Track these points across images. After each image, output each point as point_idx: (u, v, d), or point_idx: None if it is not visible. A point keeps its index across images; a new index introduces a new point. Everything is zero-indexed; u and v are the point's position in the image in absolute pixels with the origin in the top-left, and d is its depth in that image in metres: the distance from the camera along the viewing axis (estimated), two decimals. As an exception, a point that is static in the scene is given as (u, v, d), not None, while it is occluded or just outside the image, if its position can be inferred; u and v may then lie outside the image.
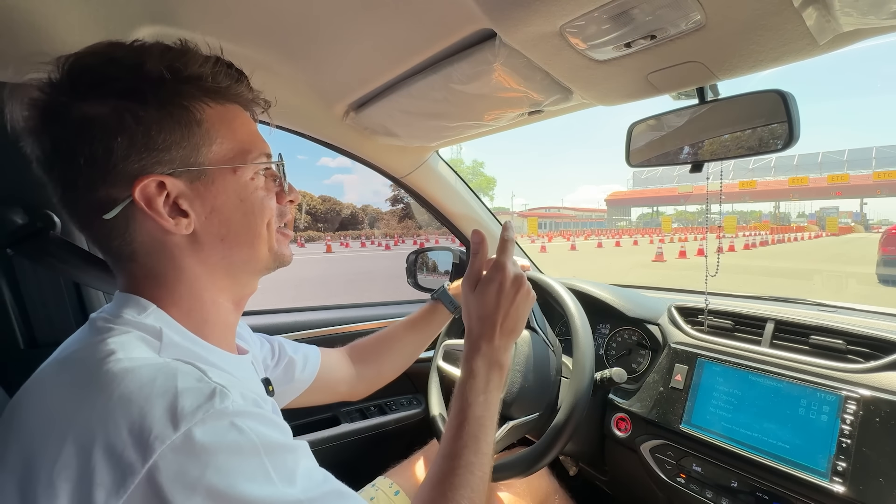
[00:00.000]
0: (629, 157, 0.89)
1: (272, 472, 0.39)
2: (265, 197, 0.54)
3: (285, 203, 0.58)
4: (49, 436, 0.38)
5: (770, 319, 0.91)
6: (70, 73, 0.45)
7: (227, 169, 0.50)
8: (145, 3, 0.69)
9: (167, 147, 0.46)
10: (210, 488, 0.36)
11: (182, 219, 0.48)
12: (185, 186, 0.48)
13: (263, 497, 0.38)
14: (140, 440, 0.36)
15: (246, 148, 0.52)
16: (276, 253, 0.56)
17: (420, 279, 1.57)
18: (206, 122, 0.49)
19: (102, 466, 0.36)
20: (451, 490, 0.52)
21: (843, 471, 0.68)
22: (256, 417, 0.41)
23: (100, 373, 0.40)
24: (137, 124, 0.45)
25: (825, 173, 69.46)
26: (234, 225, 0.51)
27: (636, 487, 1.01)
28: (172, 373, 0.40)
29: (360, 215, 54.20)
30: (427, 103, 0.93)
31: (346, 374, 0.93)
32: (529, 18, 0.59)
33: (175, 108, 0.47)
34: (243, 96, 0.53)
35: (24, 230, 0.82)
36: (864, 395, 0.71)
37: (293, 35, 0.78)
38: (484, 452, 0.57)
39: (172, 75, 0.46)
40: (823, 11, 0.53)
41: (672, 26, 0.58)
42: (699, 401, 0.88)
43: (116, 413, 0.37)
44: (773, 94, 0.68)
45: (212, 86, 0.49)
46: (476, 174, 51.48)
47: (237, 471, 0.38)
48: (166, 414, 0.37)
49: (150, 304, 0.48)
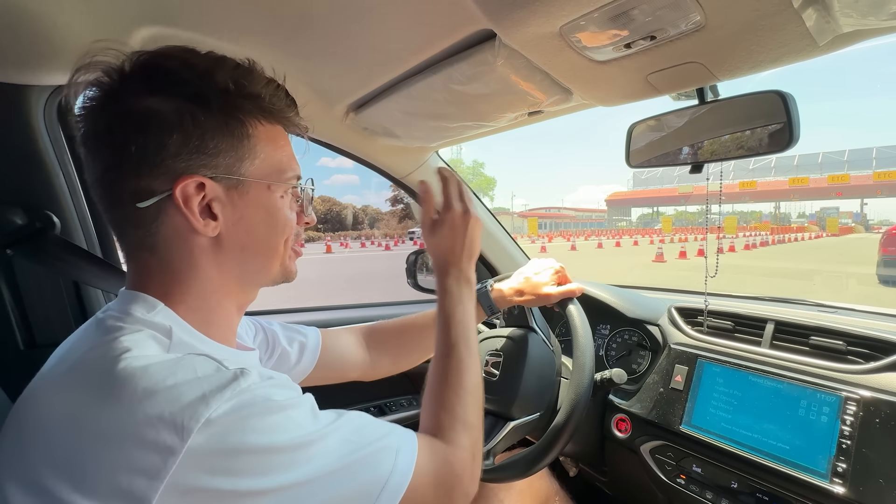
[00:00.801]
0: (629, 157, 0.89)
1: (299, 420, 0.44)
2: (289, 215, 0.57)
3: (303, 223, 0.61)
4: (70, 439, 0.39)
5: (770, 320, 0.91)
6: (145, 67, 0.48)
7: (262, 183, 0.53)
8: (145, 4, 0.69)
9: (216, 153, 0.49)
10: (253, 448, 0.39)
11: (210, 221, 0.50)
12: (221, 192, 0.50)
13: (299, 439, 0.43)
14: (174, 424, 0.37)
15: (283, 167, 0.55)
16: (286, 268, 0.59)
17: (420, 279, 1.56)
18: (255, 137, 0.52)
19: (138, 456, 0.37)
20: (450, 378, 0.63)
21: (843, 472, 0.69)
22: (276, 384, 0.45)
23: (118, 371, 0.40)
24: (195, 127, 0.47)
25: (825, 174, 69.46)
26: (257, 236, 0.54)
27: (636, 488, 1.01)
28: (191, 364, 0.42)
29: (359, 215, 54.21)
30: (427, 104, 0.93)
31: (357, 360, 0.90)
32: (529, 19, 0.59)
33: (231, 120, 0.50)
34: (291, 121, 0.57)
35: (24, 230, 0.82)
36: (865, 396, 0.71)
37: (293, 36, 0.78)
38: (472, 350, 0.66)
39: (237, 89, 0.50)
40: (823, 12, 0.53)
41: (672, 27, 0.58)
42: (699, 402, 0.89)
43: (144, 406, 0.38)
44: (773, 95, 0.68)
45: (267, 105, 0.53)
46: (476, 174, 51.49)
47: (270, 426, 0.41)
48: (195, 397, 0.39)
49: (158, 301, 0.49)
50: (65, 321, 0.91)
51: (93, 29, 0.71)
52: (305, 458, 0.43)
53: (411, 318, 0.96)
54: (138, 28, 0.73)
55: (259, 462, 0.40)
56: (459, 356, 0.65)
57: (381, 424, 0.52)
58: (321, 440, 0.44)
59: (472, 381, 0.64)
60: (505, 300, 0.96)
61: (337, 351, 0.88)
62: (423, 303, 1.61)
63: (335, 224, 50.39)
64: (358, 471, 0.45)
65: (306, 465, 0.42)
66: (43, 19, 0.68)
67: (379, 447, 0.48)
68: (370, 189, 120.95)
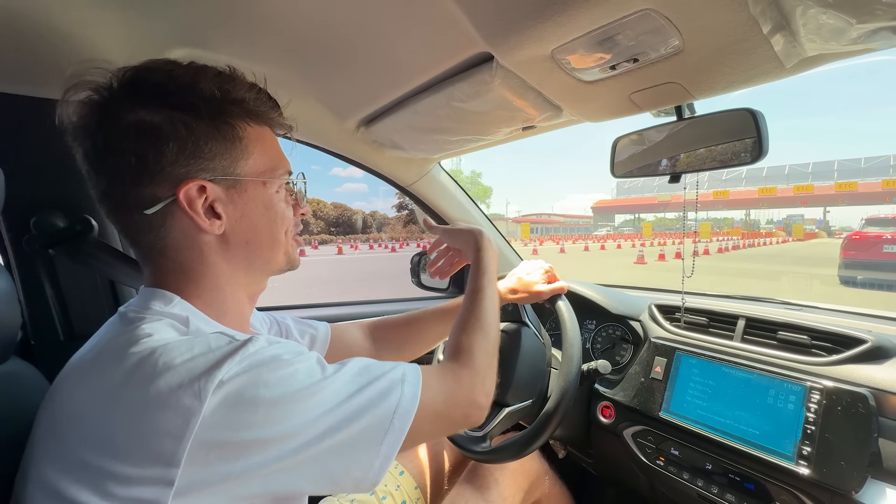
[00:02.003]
0: (613, 168, 0.89)
1: (309, 370, 0.44)
2: (285, 208, 0.57)
3: (299, 215, 0.61)
4: (106, 416, 0.39)
5: (741, 316, 0.91)
6: (131, 82, 0.47)
7: (258, 181, 0.53)
8: (177, 29, 0.70)
9: (212, 156, 0.48)
10: (268, 400, 0.40)
11: (216, 220, 0.49)
12: (222, 192, 0.50)
13: (311, 386, 0.43)
14: (192, 389, 0.38)
15: (275, 164, 0.55)
16: (290, 257, 0.59)
17: (423, 279, 1.56)
18: (246, 138, 0.51)
19: (163, 420, 0.37)
20: (473, 310, 0.68)
21: (808, 455, 0.68)
22: (283, 346, 0.45)
23: (140, 351, 0.41)
24: (189, 134, 0.46)
25: (791, 184, 69.42)
26: (260, 230, 0.54)
27: (619, 469, 1.01)
28: (205, 339, 0.42)
29: (368, 220, 54.17)
30: (431, 119, 0.94)
31: (363, 351, 0.89)
32: (524, 43, 0.59)
33: (222, 124, 0.49)
34: (276, 121, 0.56)
35: (65, 232, 0.82)
36: (827, 386, 0.71)
37: (310, 58, 0.78)
38: (492, 313, 0.69)
39: (222, 95, 0.49)
40: (790, 38, 0.53)
41: (653, 51, 0.59)
42: (677, 390, 0.88)
43: (165, 377, 0.38)
44: (745, 112, 0.68)
45: (252, 108, 0.52)
46: (474, 183, 51.45)
47: (282, 379, 0.41)
48: (210, 364, 0.39)
49: (175, 296, 0.49)
50: (101, 315, 0.91)
51: (128, 52, 0.72)
52: (319, 400, 0.43)
53: (414, 314, 0.96)
54: (170, 50, 0.73)
55: (276, 411, 0.40)
56: (483, 296, 0.70)
57: (383, 362, 0.52)
58: (331, 383, 0.44)
59: (490, 318, 0.68)
60: (500, 299, 0.96)
61: (345, 343, 0.87)
62: (426, 300, 1.61)
63: (346, 228, 50.34)
64: (370, 401, 0.45)
65: (321, 406, 0.42)
66: (84, 42, 0.68)
67: (385, 378, 0.48)
68: (378, 196, 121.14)
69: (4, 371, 0.60)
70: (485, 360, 0.61)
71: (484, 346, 0.63)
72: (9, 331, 0.59)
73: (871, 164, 68.67)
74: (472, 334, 0.64)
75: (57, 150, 0.83)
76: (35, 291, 0.86)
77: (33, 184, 0.82)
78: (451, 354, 0.62)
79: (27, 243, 0.81)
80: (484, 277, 0.74)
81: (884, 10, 0.44)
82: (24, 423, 0.45)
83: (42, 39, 0.65)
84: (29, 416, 0.45)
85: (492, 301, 0.71)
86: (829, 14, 0.46)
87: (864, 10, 0.45)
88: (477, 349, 0.61)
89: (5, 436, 0.51)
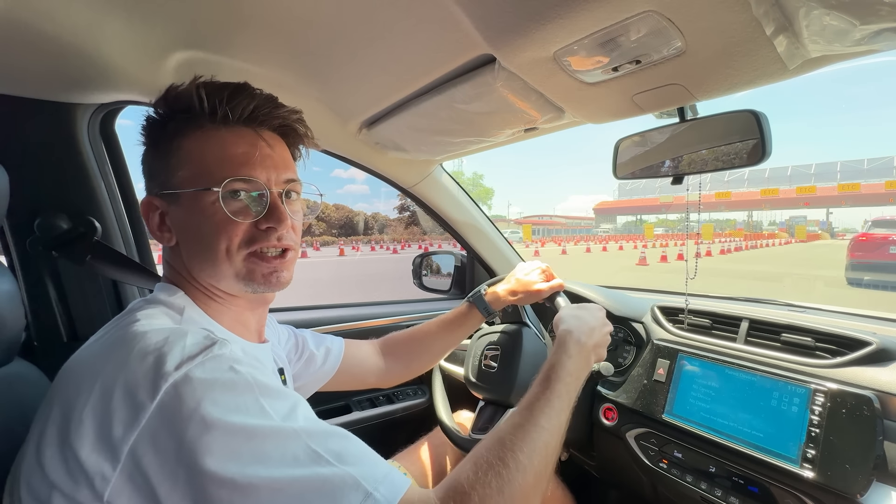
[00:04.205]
0: (616, 170, 0.89)
1: (268, 409, 0.39)
2: (226, 221, 0.50)
3: (266, 228, 0.52)
4: (83, 386, 0.40)
5: (745, 318, 0.91)
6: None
7: (189, 191, 0.50)
8: (179, 32, 0.70)
9: (154, 173, 0.53)
10: (204, 418, 0.36)
11: (166, 233, 0.53)
12: (166, 206, 0.52)
13: (258, 427, 0.37)
14: (151, 382, 0.38)
15: (208, 171, 0.49)
16: (245, 278, 0.52)
17: (425, 280, 1.57)
18: (182, 150, 0.51)
19: (120, 405, 0.37)
20: (516, 440, 0.49)
21: (812, 457, 0.68)
22: (254, 367, 0.42)
23: (125, 334, 0.43)
24: (146, 155, 0.54)
25: (794, 185, 69.22)
26: (199, 242, 0.52)
27: (622, 472, 1.00)
28: (183, 332, 0.43)
29: (370, 222, 54.23)
30: (433, 121, 0.94)
31: (374, 367, 0.91)
32: (526, 45, 0.59)
33: (161, 142, 0.52)
34: (234, 117, 0.51)
35: (68, 234, 0.82)
36: (832, 389, 0.71)
37: (312, 60, 0.79)
38: (555, 424, 0.54)
39: (166, 111, 0.52)
40: (793, 39, 0.53)
41: (655, 52, 0.58)
42: (680, 392, 0.88)
43: (134, 363, 0.39)
44: (748, 114, 0.68)
45: (196, 116, 0.51)
46: (476, 185, 51.48)
47: (231, 404, 0.38)
48: (173, 359, 0.39)
49: (179, 290, 0.53)
50: (104, 316, 0.91)
51: (133, 55, 0.72)
52: (256, 453, 0.36)
53: (420, 328, 0.98)
54: (173, 53, 0.73)
55: (205, 438, 0.35)
56: (537, 424, 0.52)
57: (364, 453, 0.41)
58: (282, 440, 0.37)
59: (541, 450, 0.49)
60: (500, 301, 0.96)
61: (357, 358, 0.89)
62: (426, 301, 1.61)
63: (348, 230, 50.38)
64: (310, 496, 0.36)
65: (253, 462, 0.36)
66: (88, 46, 0.68)
67: (346, 477, 0.37)
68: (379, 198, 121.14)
69: (8, 372, 0.60)
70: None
71: (499, 495, 0.42)
72: (13, 332, 0.59)
73: (874, 165, 68.45)
74: (490, 468, 0.44)
75: (61, 153, 0.83)
76: (38, 293, 0.86)
77: (37, 186, 0.82)
78: (444, 488, 0.43)
79: (31, 245, 0.82)
80: (559, 383, 0.58)
81: (888, 10, 0.44)
82: (26, 423, 0.45)
83: (46, 43, 0.66)
84: (32, 416, 0.46)
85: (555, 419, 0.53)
86: (833, 15, 0.46)
87: (867, 11, 0.44)
88: (484, 496, 0.42)
89: (7, 435, 0.52)
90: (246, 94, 0.52)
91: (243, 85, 0.53)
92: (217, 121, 0.51)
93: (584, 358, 0.67)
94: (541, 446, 0.49)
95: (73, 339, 0.89)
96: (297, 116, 0.56)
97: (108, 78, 0.76)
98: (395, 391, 1.43)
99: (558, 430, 0.54)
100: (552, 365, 0.63)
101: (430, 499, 0.41)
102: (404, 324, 1.42)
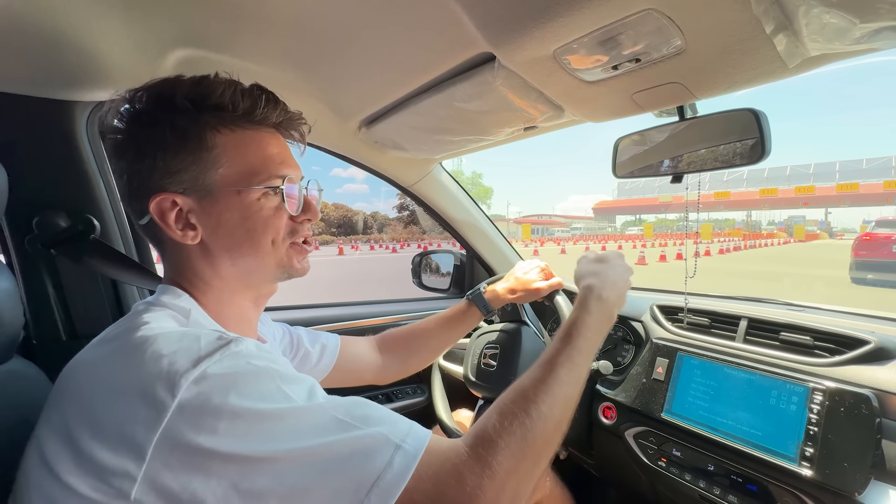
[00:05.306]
0: (615, 169, 0.89)
1: (290, 393, 0.41)
2: (272, 216, 0.53)
3: (302, 221, 0.57)
4: (97, 390, 0.40)
5: (743, 317, 0.91)
6: (131, 102, 0.51)
7: (231, 189, 0.51)
8: (178, 29, 0.70)
9: (179, 170, 0.50)
10: (234, 409, 0.38)
11: (189, 231, 0.51)
12: (194, 203, 0.51)
13: (287, 409, 0.39)
14: (169, 382, 0.38)
15: (254, 171, 0.52)
16: (286, 266, 0.56)
17: (424, 279, 1.57)
18: (217, 147, 0.51)
19: (140, 408, 0.37)
20: (538, 392, 0.50)
21: (810, 456, 0.68)
22: (270, 359, 0.44)
23: (136, 338, 0.42)
24: (159, 150, 0.49)
25: (793, 185, 69.38)
26: (238, 238, 0.53)
27: (621, 470, 1.00)
28: (196, 334, 0.43)
29: (369, 221, 54.21)
30: (432, 119, 0.94)
31: (371, 363, 0.91)
32: (526, 43, 0.59)
33: (190, 137, 0.50)
34: (268, 121, 0.54)
35: (67, 232, 0.82)
36: (830, 387, 0.71)
37: (312, 57, 0.78)
38: (575, 377, 0.55)
39: (194, 106, 0.50)
40: (793, 37, 0.53)
41: (655, 51, 0.58)
42: (679, 391, 0.88)
43: (149, 365, 0.39)
44: (747, 113, 0.68)
45: (229, 115, 0.51)
46: (475, 184, 51.49)
47: (256, 393, 0.39)
48: (190, 359, 0.39)
49: (184, 292, 0.52)
50: (103, 315, 0.91)
51: (131, 52, 0.72)
52: (289, 430, 0.38)
53: (418, 324, 0.98)
54: (172, 51, 0.73)
55: (239, 426, 0.37)
56: (558, 377, 0.53)
57: (386, 413, 0.44)
58: (310, 415, 0.40)
59: (562, 403, 0.51)
60: (499, 299, 0.96)
61: (353, 354, 0.89)
62: (426, 300, 1.60)
63: (347, 229, 50.36)
64: (346, 458, 0.38)
65: (288, 439, 0.38)
66: (86, 43, 0.68)
67: (376, 435, 0.40)
68: (379, 197, 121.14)
69: (7, 370, 0.60)
70: (512, 464, 0.43)
71: (523, 441, 0.45)
72: (11, 330, 0.59)
73: (872, 165, 68.56)
74: (514, 418, 0.46)
75: (59, 151, 0.83)
76: (37, 291, 0.86)
77: (35, 184, 0.82)
78: (471, 436, 0.45)
79: (30, 243, 0.81)
80: (580, 339, 0.59)
81: (887, 9, 0.44)
82: (25, 422, 0.45)
83: (46, 40, 0.65)
84: (30, 414, 0.46)
85: (575, 372, 0.55)
86: (833, 14, 0.46)
87: (867, 9, 0.44)
88: (509, 442, 0.44)
89: (6, 434, 0.52)
90: (273, 99, 0.55)
91: (268, 90, 0.55)
92: (254, 122, 0.53)
93: (605, 313, 0.67)
94: (561, 398, 0.52)
95: (72, 337, 0.89)
96: (303, 121, 0.59)
97: (107, 75, 0.76)
98: (395, 390, 1.43)
99: (579, 381, 0.56)
100: (573, 321, 0.63)
101: (459, 445, 0.44)
102: (402, 323, 1.41)
